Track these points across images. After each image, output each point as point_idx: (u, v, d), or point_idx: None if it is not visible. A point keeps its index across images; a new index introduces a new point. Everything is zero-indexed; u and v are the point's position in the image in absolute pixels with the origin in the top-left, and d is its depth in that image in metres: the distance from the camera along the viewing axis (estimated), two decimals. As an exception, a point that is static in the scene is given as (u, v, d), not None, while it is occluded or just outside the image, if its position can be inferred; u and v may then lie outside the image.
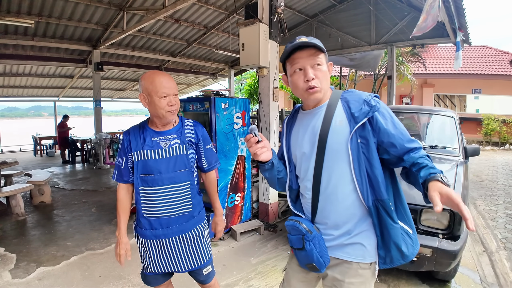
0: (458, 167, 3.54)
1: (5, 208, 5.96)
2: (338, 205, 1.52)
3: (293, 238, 1.61)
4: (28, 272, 3.71)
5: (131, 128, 2.06)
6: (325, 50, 1.51)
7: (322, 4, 9.28)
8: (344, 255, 1.54)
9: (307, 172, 1.59)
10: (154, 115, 1.96)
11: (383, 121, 1.45)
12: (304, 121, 1.64)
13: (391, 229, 1.46)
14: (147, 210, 2.00)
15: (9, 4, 6.31)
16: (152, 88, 1.88)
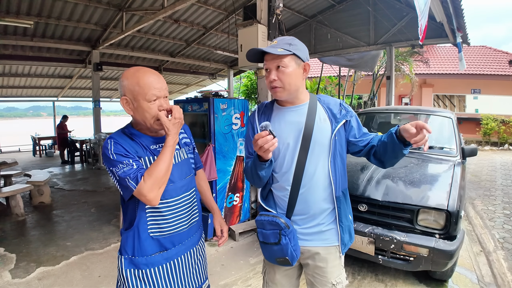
0: (455, 168, 3.57)
1: (4, 209, 5.97)
2: (318, 196, 1.67)
3: (268, 233, 1.67)
4: (28, 272, 3.73)
5: (115, 136, 1.55)
6: (293, 52, 1.59)
7: (321, 4, 9.30)
8: (323, 242, 1.71)
9: (291, 165, 1.66)
10: (141, 123, 1.58)
11: (354, 124, 1.73)
12: (285, 115, 1.72)
13: (348, 214, 1.76)
14: (156, 229, 1.58)
15: (8, 5, 6.32)
16: (139, 89, 1.49)
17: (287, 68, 1.58)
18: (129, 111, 1.55)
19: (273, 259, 1.72)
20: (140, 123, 1.58)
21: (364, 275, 3.49)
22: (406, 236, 2.96)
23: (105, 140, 1.52)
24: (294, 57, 1.60)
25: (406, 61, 13.93)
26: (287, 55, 1.58)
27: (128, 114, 1.59)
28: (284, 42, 1.61)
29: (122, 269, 1.59)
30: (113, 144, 1.48)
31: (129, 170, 1.44)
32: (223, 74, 13.87)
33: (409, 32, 8.52)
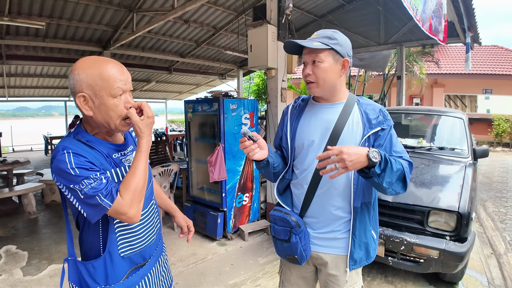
0: (467, 169, 3.54)
1: (17, 207, 6.07)
2: (334, 202, 1.60)
3: (279, 229, 1.65)
4: (40, 270, 3.79)
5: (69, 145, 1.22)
6: (331, 46, 1.51)
7: (331, 4, 9.25)
8: (335, 250, 1.63)
9: (312, 163, 1.60)
10: (102, 124, 1.29)
11: (386, 137, 1.58)
12: (317, 112, 1.66)
13: (367, 231, 1.63)
14: (127, 247, 1.37)
15: (20, 6, 6.39)
16: (102, 83, 1.22)
17: (322, 63, 1.52)
18: (88, 111, 1.25)
19: (283, 255, 1.71)
20: (99, 126, 1.31)
21: (374, 277, 3.48)
22: (417, 238, 2.95)
23: (55, 150, 1.22)
24: (332, 52, 1.52)
25: (417, 62, 13.80)
26: (324, 50, 1.51)
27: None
28: (324, 35, 1.54)
29: None
30: (73, 156, 1.18)
31: (99, 185, 1.18)
32: (232, 75, 13.87)
33: (420, 32, 8.38)
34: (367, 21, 9.29)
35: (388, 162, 1.40)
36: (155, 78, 13.91)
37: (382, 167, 1.39)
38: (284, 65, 4.71)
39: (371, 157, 1.35)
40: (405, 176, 1.49)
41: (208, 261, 3.97)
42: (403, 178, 1.49)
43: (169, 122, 25.07)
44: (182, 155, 12.31)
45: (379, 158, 1.37)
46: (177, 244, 4.44)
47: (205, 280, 3.54)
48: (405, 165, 1.49)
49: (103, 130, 1.33)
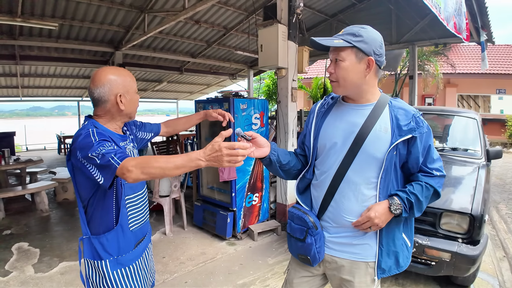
0: (480, 170, 3.48)
1: (29, 205, 6.17)
2: (352, 206, 1.53)
3: (295, 227, 1.63)
4: (51, 267, 3.84)
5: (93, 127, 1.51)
6: (354, 44, 1.44)
7: (342, 3, 9.20)
8: (353, 256, 1.57)
9: (332, 166, 1.56)
10: (127, 115, 1.68)
11: (419, 146, 1.49)
12: (343, 112, 1.60)
13: (396, 239, 1.57)
14: (134, 221, 1.67)
15: (33, 7, 6.48)
16: (131, 84, 1.64)
17: (344, 62, 1.46)
18: (122, 105, 1.60)
19: (295, 254, 1.68)
20: (122, 117, 1.67)
21: (384, 279, 3.43)
22: (428, 240, 2.91)
23: (81, 130, 1.48)
24: (355, 50, 1.45)
25: (430, 61, 13.65)
26: (346, 48, 1.46)
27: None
28: (349, 32, 1.47)
29: (107, 273, 1.57)
30: (96, 132, 1.44)
31: (113, 149, 1.37)
32: (243, 75, 13.88)
33: (433, 31, 8.34)
34: (378, 20, 9.20)
35: (413, 203, 1.46)
36: (166, 79, 13.99)
37: (408, 211, 1.48)
38: (294, 64, 4.69)
39: (392, 210, 1.46)
40: (436, 194, 1.55)
41: (217, 261, 3.97)
42: (435, 196, 1.55)
43: (180, 122, 25.14)
44: (192, 154, 12.33)
45: (401, 207, 1.46)
46: (187, 243, 4.46)
47: (214, 279, 3.54)
48: (435, 185, 1.51)
49: (119, 123, 1.68)
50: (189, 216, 5.26)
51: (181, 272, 3.71)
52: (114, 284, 1.58)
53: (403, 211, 1.46)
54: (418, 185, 1.50)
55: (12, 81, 11.74)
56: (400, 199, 1.47)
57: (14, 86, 12.35)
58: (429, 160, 1.52)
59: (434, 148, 1.54)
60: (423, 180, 1.51)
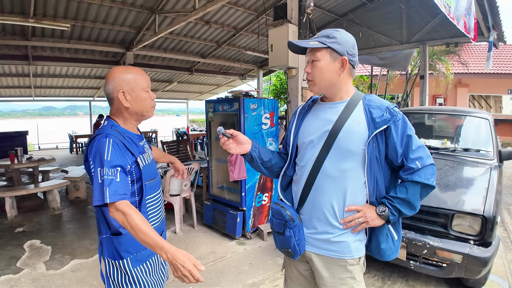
0: (492, 171, 3.44)
1: (42, 203, 6.27)
2: (328, 199, 1.58)
3: (275, 221, 1.70)
4: (63, 264, 3.89)
5: (111, 133, 1.58)
6: (328, 45, 1.53)
7: (352, 2, 9.15)
8: (330, 253, 1.61)
9: (309, 161, 1.62)
10: (137, 113, 1.70)
11: (395, 136, 1.51)
12: (320, 111, 1.68)
13: (377, 229, 1.62)
14: (153, 219, 1.75)
15: (45, 8, 6.57)
16: (135, 80, 1.65)
17: (319, 62, 1.54)
18: (126, 103, 1.64)
19: (279, 248, 1.73)
20: (133, 115, 1.70)
21: (395, 280, 3.42)
22: (440, 242, 2.88)
23: (98, 137, 1.54)
24: (330, 50, 1.53)
25: (441, 61, 13.51)
26: (321, 48, 1.54)
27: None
28: (323, 34, 1.57)
29: (130, 270, 1.62)
30: (112, 145, 1.51)
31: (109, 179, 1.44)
32: (252, 75, 13.90)
33: (444, 30, 8.25)
34: (389, 19, 9.16)
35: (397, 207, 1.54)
36: (176, 79, 14.08)
37: (397, 213, 1.55)
38: (305, 64, 4.68)
39: (379, 213, 1.55)
40: (427, 187, 1.54)
41: (227, 260, 3.99)
42: (427, 188, 1.55)
43: (190, 122, 25.33)
44: (202, 154, 12.43)
45: (387, 211, 1.54)
46: (197, 242, 4.48)
47: (223, 278, 3.56)
48: (421, 180, 1.51)
49: (134, 121, 1.75)
50: (199, 215, 5.29)
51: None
52: (136, 281, 1.63)
53: (390, 214, 1.54)
54: (401, 187, 1.55)
55: (25, 81, 11.93)
56: (383, 205, 1.56)
57: (26, 86, 12.55)
58: (410, 151, 1.51)
59: (415, 138, 1.54)
60: (406, 179, 1.54)
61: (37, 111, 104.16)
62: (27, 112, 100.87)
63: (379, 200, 1.58)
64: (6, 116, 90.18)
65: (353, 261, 1.59)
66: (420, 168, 1.51)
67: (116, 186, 1.44)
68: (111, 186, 1.43)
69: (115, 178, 1.45)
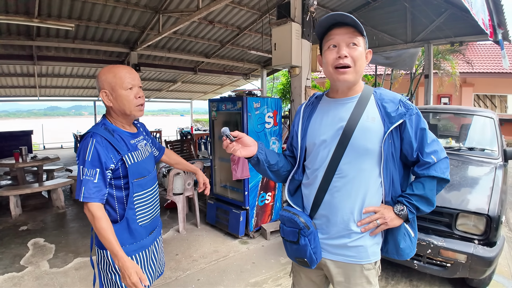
0: (497, 171, 3.41)
1: (46, 201, 6.30)
2: (346, 203, 1.49)
3: (288, 230, 1.57)
4: (66, 262, 3.90)
5: (98, 131, 1.67)
6: (364, 34, 1.44)
7: (356, 1, 9.14)
8: (347, 258, 1.53)
9: (323, 163, 1.51)
10: (120, 112, 1.74)
11: (410, 131, 1.46)
12: (329, 109, 1.56)
13: (395, 229, 1.53)
14: (143, 217, 1.81)
15: (50, 9, 6.60)
16: (116, 80, 1.68)
17: (359, 47, 1.41)
18: (109, 102, 1.71)
19: (293, 258, 1.63)
20: (119, 114, 1.76)
21: (398, 280, 3.40)
22: (444, 241, 2.86)
23: (85, 135, 1.67)
24: (364, 40, 1.45)
25: (446, 59, 13.44)
26: (361, 34, 1.43)
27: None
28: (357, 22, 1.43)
29: (112, 261, 1.66)
30: (93, 147, 1.60)
31: (90, 180, 1.58)
32: (256, 74, 13.90)
33: (448, 29, 8.22)
34: (393, 18, 9.13)
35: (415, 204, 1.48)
36: (180, 79, 14.10)
37: (415, 210, 1.50)
38: (308, 63, 4.67)
39: (397, 212, 1.48)
40: (442, 181, 1.50)
41: (230, 259, 3.98)
42: (443, 182, 1.51)
43: (194, 122, 25.36)
44: (206, 153, 12.44)
45: (405, 209, 1.48)
46: (200, 241, 4.48)
47: (226, 277, 3.55)
48: (437, 174, 1.47)
49: (122, 120, 1.79)
50: (202, 214, 5.29)
51: (193, 269, 3.73)
52: (117, 272, 1.68)
53: (409, 212, 1.48)
54: (418, 183, 1.50)
55: (30, 81, 11.98)
56: (401, 204, 1.49)
57: (31, 86, 12.60)
58: (425, 145, 1.48)
59: (428, 132, 1.50)
60: (423, 174, 1.49)
61: (42, 111, 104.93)
62: (32, 112, 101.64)
63: (395, 199, 1.52)
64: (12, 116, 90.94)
65: (369, 266, 1.52)
66: (436, 162, 1.47)
67: (91, 187, 1.58)
68: (87, 186, 1.57)
69: (92, 179, 1.58)
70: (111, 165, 1.65)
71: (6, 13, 6.24)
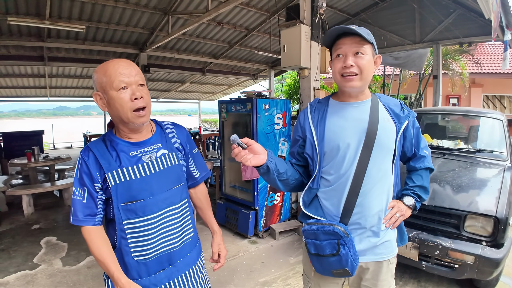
0: (505, 172, 3.41)
1: (57, 200, 6.40)
2: (377, 202, 1.53)
3: (323, 244, 1.48)
4: (78, 260, 3.97)
5: (91, 144, 1.42)
6: (372, 41, 1.48)
7: (364, 2, 9.13)
8: (377, 257, 1.57)
9: (351, 166, 1.50)
10: (118, 119, 1.39)
11: (412, 130, 1.65)
12: (345, 112, 1.56)
13: None
14: (139, 250, 1.41)
15: (60, 10, 6.69)
16: (106, 79, 1.32)
17: (366, 55, 1.46)
18: (103, 107, 1.39)
19: (328, 272, 1.54)
20: (118, 122, 1.41)
21: (406, 281, 3.42)
22: (452, 242, 2.88)
23: (83, 148, 1.44)
24: (372, 47, 1.49)
25: (455, 60, 13.36)
26: (368, 42, 1.47)
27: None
28: (363, 30, 1.47)
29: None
30: (81, 162, 1.39)
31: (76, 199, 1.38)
32: (264, 75, 13.93)
33: (457, 30, 8.19)
34: (401, 19, 9.11)
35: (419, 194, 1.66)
36: (189, 79, 14.19)
37: (419, 201, 1.67)
38: (317, 64, 4.70)
39: (407, 204, 1.62)
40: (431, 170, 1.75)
41: (239, 258, 4.03)
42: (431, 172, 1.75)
43: (202, 122, 25.47)
44: (214, 153, 12.51)
45: (413, 200, 1.64)
46: (209, 240, 4.50)
47: (236, 276, 3.60)
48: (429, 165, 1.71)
49: (123, 128, 1.43)
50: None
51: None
52: None
53: (416, 202, 1.65)
54: (416, 175, 1.70)
55: (41, 82, 12.14)
56: (408, 196, 1.65)
57: (42, 87, 12.78)
58: (420, 142, 1.69)
59: (419, 131, 1.70)
60: (420, 167, 1.69)
61: (51, 110, 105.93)
62: (41, 111, 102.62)
63: (399, 193, 1.67)
64: (21, 115, 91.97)
65: (393, 259, 1.62)
66: (427, 155, 1.71)
67: (80, 208, 1.37)
68: (76, 208, 1.37)
69: (81, 199, 1.37)
70: (96, 184, 1.38)
71: (16, 14, 6.35)
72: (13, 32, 7.34)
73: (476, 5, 5.40)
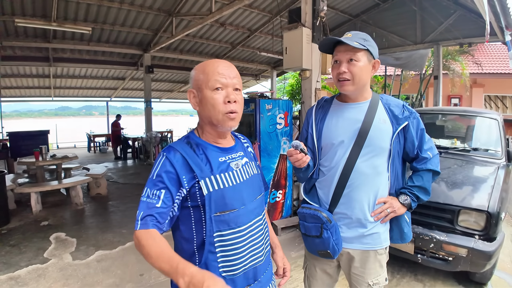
0: (499, 170, 3.51)
1: (65, 198, 6.55)
2: (363, 196, 1.67)
3: (309, 225, 1.70)
4: (88, 255, 4.08)
5: (176, 145, 1.28)
6: (367, 47, 1.59)
7: (366, 3, 9.23)
8: (364, 246, 1.71)
9: (340, 161, 1.67)
10: (207, 120, 1.30)
11: (413, 131, 1.69)
12: (343, 112, 1.72)
13: (400, 217, 1.75)
14: (228, 265, 1.25)
15: (66, 12, 6.82)
16: (203, 77, 1.27)
17: (359, 62, 1.58)
18: (195, 106, 1.32)
19: (314, 251, 1.75)
20: (206, 123, 1.32)
21: (403, 274, 3.52)
22: (446, 236, 2.98)
23: (164, 148, 1.31)
24: (367, 53, 1.60)
25: (456, 60, 13.43)
26: (361, 49, 1.58)
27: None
28: (359, 37, 1.61)
29: None
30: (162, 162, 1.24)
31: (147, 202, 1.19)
32: (266, 75, 14.04)
33: (457, 30, 8.29)
34: (402, 20, 9.21)
35: (416, 194, 1.71)
36: (192, 80, 14.29)
37: (417, 200, 1.72)
38: (318, 66, 4.81)
39: (402, 201, 1.70)
40: (435, 173, 1.75)
41: (242, 254, 4.12)
42: (435, 175, 1.76)
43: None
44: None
45: (409, 199, 1.70)
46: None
47: (240, 271, 3.69)
48: (432, 167, 1.72)
49: (211, 131, 1.33)
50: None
51: None
52: None
53: (412, 201, 1.70)
54: (417, 176, 1.74)
55: (45, 82, 12.30)
56: (404, 195, 1.71)
57: (46, 87, 12.93)
58: (423, 143, 1.72)
59: (425, 131, 1.75)
60: (421, 168, 1.73)
61: (53, 110, 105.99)
62: (43, 112, 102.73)
63: (398, 191, 1.73)
64: (23, 115, 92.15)
65: (382, 251, 1.73)
66: (431, 157, 1.73)
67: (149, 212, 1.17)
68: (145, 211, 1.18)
69: (154, 202, 1.18)
70: (182, 189, 1.22)
71: (23, 15, 6.48)
72: (19, 33, 7.47)
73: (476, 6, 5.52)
